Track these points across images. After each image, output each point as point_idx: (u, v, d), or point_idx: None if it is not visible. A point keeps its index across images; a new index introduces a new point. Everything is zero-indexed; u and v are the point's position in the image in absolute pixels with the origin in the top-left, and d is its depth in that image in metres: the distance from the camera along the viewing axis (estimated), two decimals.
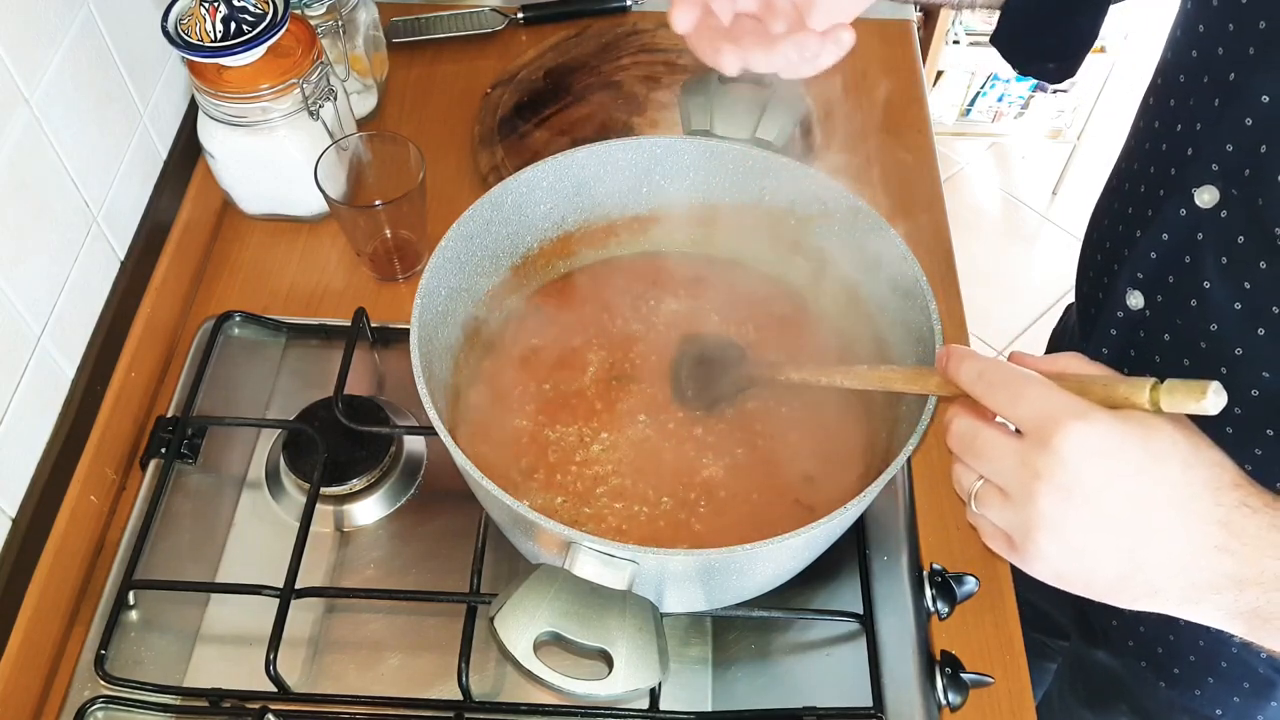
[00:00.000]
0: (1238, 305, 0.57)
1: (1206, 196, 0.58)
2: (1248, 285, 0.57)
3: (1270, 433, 0.60)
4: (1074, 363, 0.48)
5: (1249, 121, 0.53)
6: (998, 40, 0.75)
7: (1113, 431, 0.43)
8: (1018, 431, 0.46)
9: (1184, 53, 0.59)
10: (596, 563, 0.55)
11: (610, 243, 0.80)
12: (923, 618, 0.71)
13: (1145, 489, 0.44)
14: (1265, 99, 0.52)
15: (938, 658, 0.70)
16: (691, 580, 0.61)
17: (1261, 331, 0.57)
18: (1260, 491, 0.45)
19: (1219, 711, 0.75)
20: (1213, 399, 0.42)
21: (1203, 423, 0.45)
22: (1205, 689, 0.74)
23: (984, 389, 0.47)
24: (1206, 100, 0.57)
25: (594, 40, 1.08)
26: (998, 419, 0.48)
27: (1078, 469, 0.43)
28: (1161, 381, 0.44)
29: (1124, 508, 0.44)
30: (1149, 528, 0.44)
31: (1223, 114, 0.56)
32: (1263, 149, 0.53)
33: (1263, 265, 0.55)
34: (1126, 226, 0.67)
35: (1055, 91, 2.38)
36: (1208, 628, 0.70)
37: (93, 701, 0.67)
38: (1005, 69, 2.32)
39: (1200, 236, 0.59)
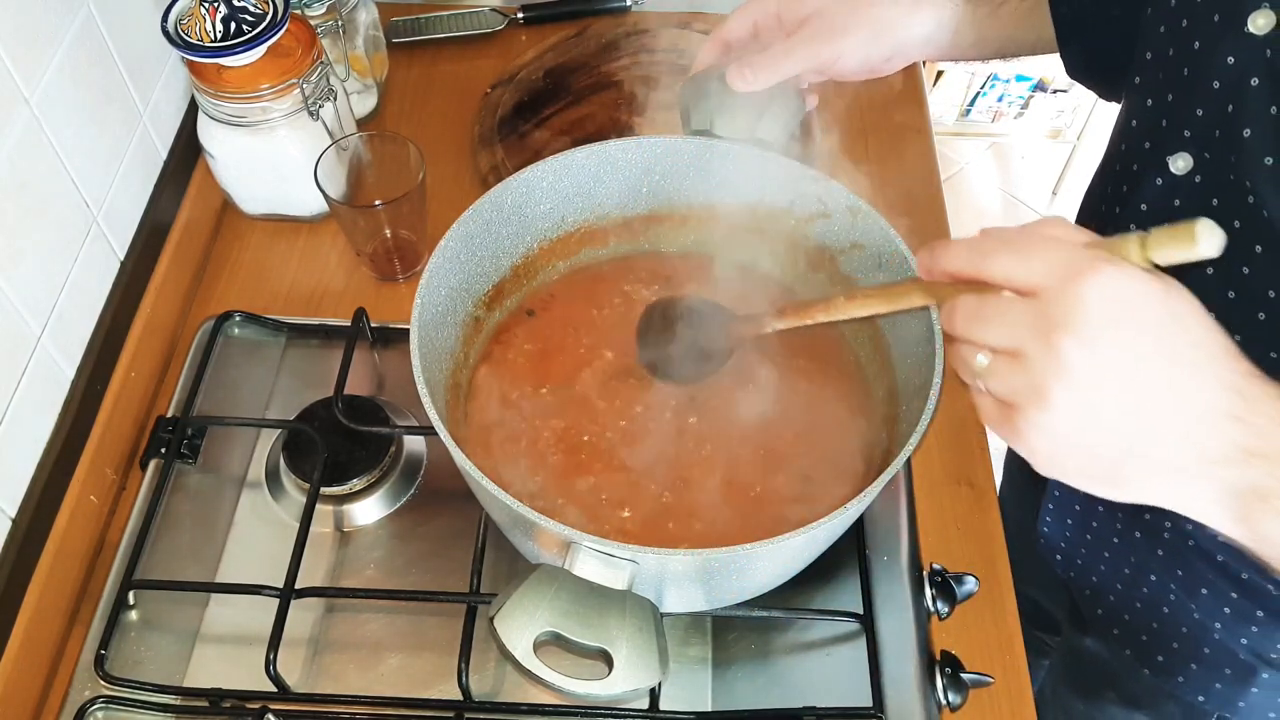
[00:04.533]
0: (1209, 270, 0.58)
1: (1181, 164, 0.59)
2: None
3: None
4: (1055, 228, 0.45)
5: (1216, 85, 0.55)
6: (1074, 74, 0.76)
7: (1136, 282, 0.41)
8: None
9: (1153, 28, 0.61)
10: (596, 563, 0.55)
11: (610, 243, 0.80)
12: (923, 618, 0.71)
13: (1166, 346, 0.42)
14: (1230, 60, 0.54)
15: (938, 658, 0.70)
16: (691, 580, 0.61)
17: (1231, 295, 0.58)
18: (1259, 372, 0.44)
19: (1201, 698, 0.76)
20: (1205, 239, 0.40)
21: None
22: (1188, 675, 0.75)
23: (981, 260, 0.44)
24: (1177, 71, 0.59)
25: (594, 40, 1.08)
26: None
27: (1102, 316, 0.41)
28: (1148, 238, 0.42)
29: (1144, 363, 0.42)
30: (1167, 387, 0.42)
31: (1192, 81, 0.57)
32: (1230, 108, 0.54)
33: (1236, 225, 0.56)
34: (1109, 205, 0.68)
35: (1055, 91, 2.38)
36: (1190, 616, 0.71)
37: (93, 701, 0.67)
38: (1005, 69, 2.34)
39: (1177, 203, 0.60)
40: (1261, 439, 0.42)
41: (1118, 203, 0.66)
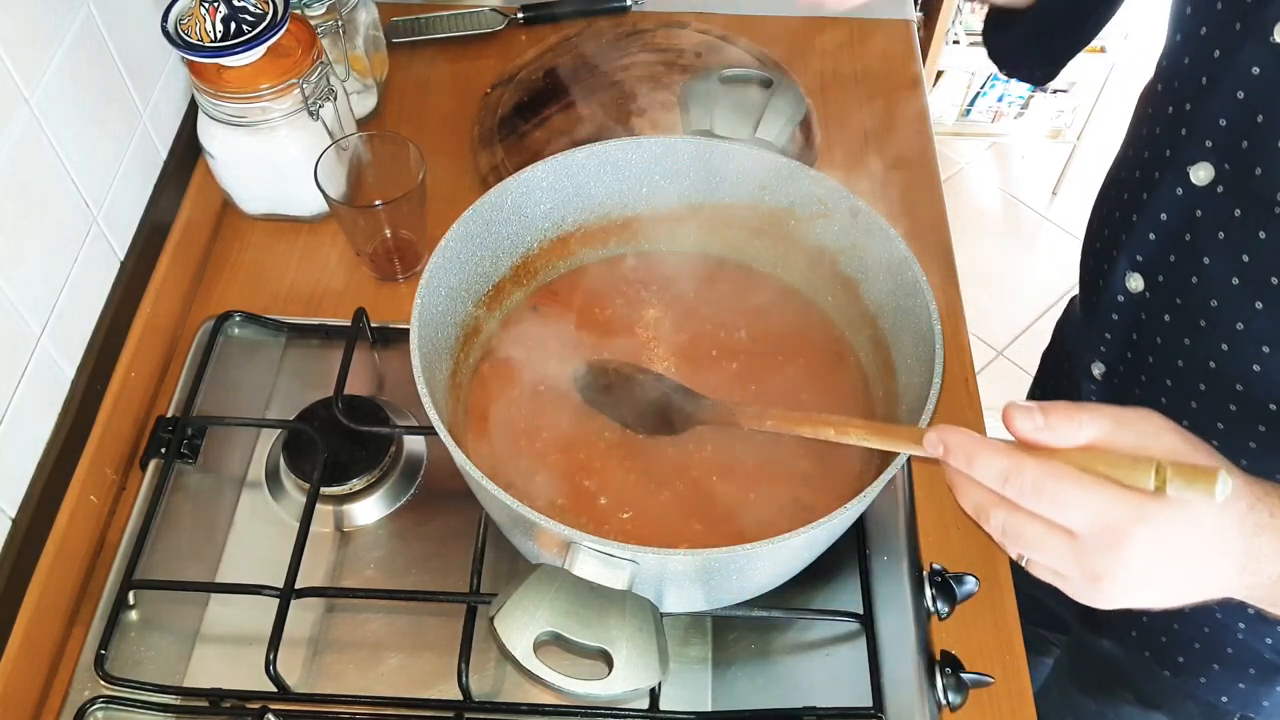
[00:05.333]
0: (1236, 280, 0.58)
1: (1202, 174, 0.59)
2: (1246, 258, 0.57)
3: (1274, 407, 0.60)
4: (1065, 425, 0.46)
5: (1241, 95, 0.55)
6: (989, 44, 0.76)
7: (1166, 532, 0.45)
8: None
9: (1172, 36, 0.61)
10: (596, 563, 0.55)
11: (610, 243, 0.80)
12: (923, 618, 0.71)
13: (1194, 558, 0.46)
14: (1255, 70, 0.54)
15: (938, 658, 0.70)
16: (691, 580, 0.61)
17: (1260, 305, 0.57)
18: (1265, 498, 0.47)
19: (1224, 698, 0.76)
20: (1222, 492, 0.42)
21: (1207, 407, 0.46)
22: (1210, 676, 0.75)
23: (1016, 494, 0.46)
24: (1195, 79, 0.58)
25: (594, 40, 1.08)
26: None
27: (1141, 567, 0.45)
28: (1165, 467, 0.44)
29: (1177, 576, 0.47)
30: (1199, 581, 0.48)
31: (1212, 91, 0.57)
32: (1259, 118, 0.54)
33: (1262, 235, 0.56)
34: (1125, 211, 0.68)
35: (1055, 91, 2.38)
36: (1212, 617, 0.71)
37: (93, 701, 0.67)
38: None
39: (1199, 214, 0.60)
40: (1258, 575, 0.48)
41: (1134, 210, 0.65)
